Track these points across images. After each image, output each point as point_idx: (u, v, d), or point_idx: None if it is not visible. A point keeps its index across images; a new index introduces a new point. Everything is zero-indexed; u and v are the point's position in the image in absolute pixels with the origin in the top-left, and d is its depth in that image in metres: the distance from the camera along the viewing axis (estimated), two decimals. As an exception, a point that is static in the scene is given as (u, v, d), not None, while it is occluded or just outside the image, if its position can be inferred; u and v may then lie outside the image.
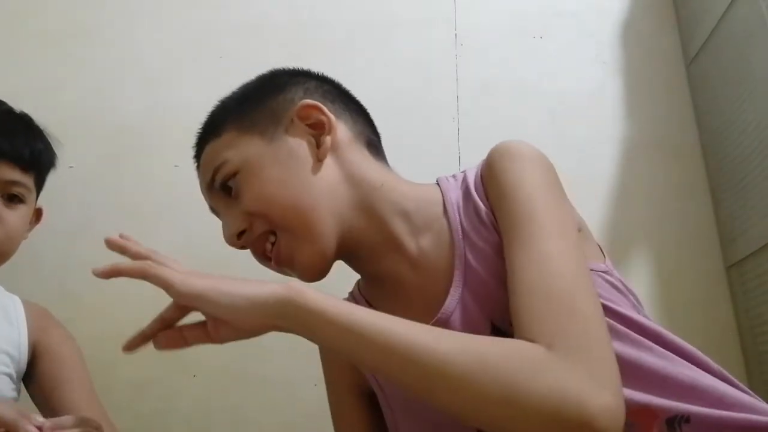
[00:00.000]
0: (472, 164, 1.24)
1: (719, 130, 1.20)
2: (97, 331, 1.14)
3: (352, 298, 0.76)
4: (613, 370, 0.49)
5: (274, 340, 1.15)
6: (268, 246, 0.69)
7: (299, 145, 0.67)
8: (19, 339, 0.90)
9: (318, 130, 0.68)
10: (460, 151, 1.26)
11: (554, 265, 0.55)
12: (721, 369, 0.60)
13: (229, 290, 0.55)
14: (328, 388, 0.77)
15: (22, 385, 0.92)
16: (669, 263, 1.17)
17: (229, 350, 1.15)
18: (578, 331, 0.50)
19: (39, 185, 0.96)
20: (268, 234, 0.68)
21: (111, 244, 0.62)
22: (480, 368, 0.48)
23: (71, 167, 1.21)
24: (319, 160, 0.67)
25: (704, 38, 1.25)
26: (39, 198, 0.98)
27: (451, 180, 0.71)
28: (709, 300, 1.15)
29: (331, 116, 0.68)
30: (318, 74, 0.75)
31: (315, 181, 0.66)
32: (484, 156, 0.70)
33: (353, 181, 0.67)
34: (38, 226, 1.01)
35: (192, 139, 1.29)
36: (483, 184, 0.66)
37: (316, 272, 0.68)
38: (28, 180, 0.90)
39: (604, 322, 0.53)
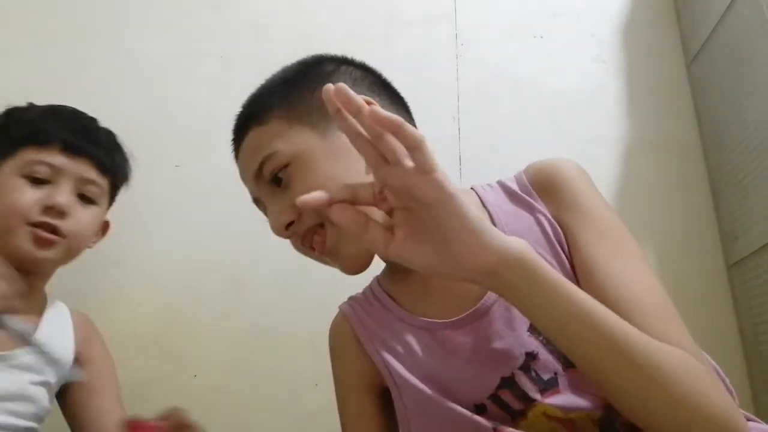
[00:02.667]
0: (472, 164, 1.26)
1: (720, 130, 1.20)
2: (97, 331, 1.14)
3: (371, 291, 0.75)
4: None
5: (274, 340, 1.15)
6: (317, 238, 0.67)
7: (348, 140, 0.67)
8: (67, 347, 0.92)
9: None
10: (461, 151, 1.26)
11: (652, 278, 0.61)
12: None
13: (475, 213, 0.49)
14: (337, 385, 0.76)
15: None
16: (670, 262, 1.17)
17: (229, 351, 1.15)
18: (696, 346, 0.56)
19: (112, 194, 0.99)
20: (317, 226, 0.67)
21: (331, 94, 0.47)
22: (683, 372, 0.51)
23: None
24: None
25: (704, 38, 1.25)
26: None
27: (487, 188, 0.72)
28: (711, 299, 1.15)
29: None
30: (363, 64, 0.75)
31: (367, 177, 0.64)
32: (484, 155, 0.70)
33: None
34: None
35: (192, 139, 1.30)
36: (540, 196, 0.68)
37: (361, 266, 0.68)
38: (103, 183, 0.94)
39: (688, 337, 0.58)
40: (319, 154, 0.65)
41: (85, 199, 0.91)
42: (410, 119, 0.76)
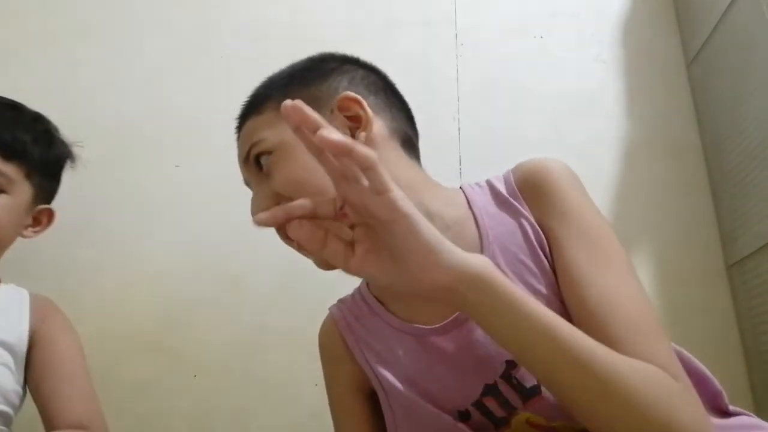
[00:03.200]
0: (472, 164, 1.26)
1: (720, 130, 1.20)
2: (97, 331, 1.14)
3: (359, 293, 0.75)
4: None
5: (274, 340, 1.15)
6: None
7: None
8: (20, 327, 0.88)
9: (355, 123, 0.68)
10: (461, 151, 1.26)
11: (644, 297, 0.59)
12: (722, 391, 0.61)
13: (432, 231, 0.49)
14: (328, 387, 0.76)
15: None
16: (670, 263, 1.17)
17: (229, 350, 1.15)
18: (675, 360, 0.54)
19: (33, 179, 0.91)
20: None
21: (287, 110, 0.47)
22: (651, 390, 0.49)
23: (71, 167, 1.20)
24: None
25: (704, 38, 1.25)
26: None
27: (476, 187, 0.72)
28: (710, 299, 1.15)
29: (369, 112, 0.68)
30: (366, 64, 0.76)
31: None
32: (484, 155, 0.70)
33: None
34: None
35: (192, 139, 1.30)
36: (525, 200, 0.67)
37: (332, 266, 0.67)
38: (9, 169, 0.87)
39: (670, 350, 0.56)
40: (299, 147, 0.66)
41: None
42: (407, 122, 0.75)
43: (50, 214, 0.96)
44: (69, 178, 1.06)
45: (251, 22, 1.39)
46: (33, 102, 1.00)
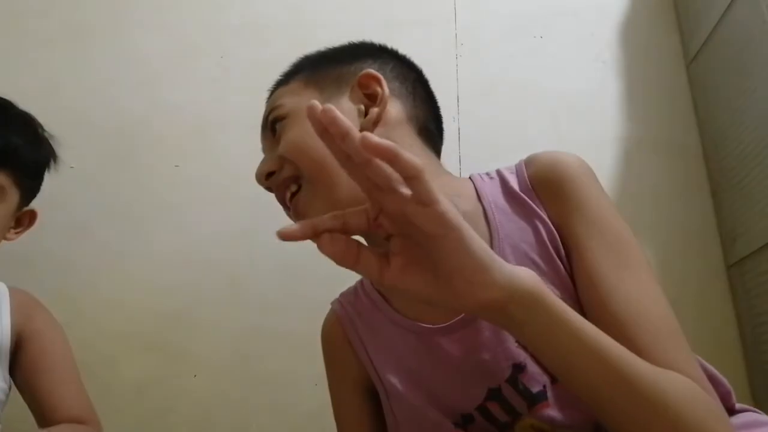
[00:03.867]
0: (472, 164, 1.26)
1: (720, 130, 1.20)
2: (97, 331, 1.15)
3: (362, 287, 0.74)
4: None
5: (273, 340, 1.15)
6: (288, 194, 0.69)
7: (349, 110, 0.68)
8: (1, 325, 0.87)
9: (371, 102, 0.69)
10: (461, 151, 1.26)
11: (663, 299, 0.58)
12: (730, 390, 0.60)
13: (482, 246, 0.45)
14: (330, 386, 0.76)
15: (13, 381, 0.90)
16: (670, 263, 1.17)
17: (229, 351, 1.15)
18: (698, 366, 0.54)
19: (21, 183, 0.89)
20: (291, 181, 0.69)
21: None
22: (689, 403, 0.49)
23: (71, 167, 1.21)
24: (361, 129, 0.65)
25: (704, 38, 1.25)
26: (39, 199, 0.94)
27: (486, 179, 0.70)
28: (710, 299, 1.15)
29: (386, 91, 0.68)
30: (401, 56, 0.77)
31: None
32: (484, 155, 0.70)
33: None
34: (37, 227, 0.99)
35: (192, 139, 1.30)
36: (539, 197, 0.64)
37: None
38: (2, 178, 0.84)
39: (687, 347, 0.56)
40: None
41: None
42: (429, 116, 0.75)
43: (32, 215, 0.94)
44: (69, 178, 1.07)
45: (251, 22, 1.39)
46: (33, 102, 1.00)
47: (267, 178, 0.70)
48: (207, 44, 1.37)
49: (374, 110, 0.67)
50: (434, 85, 1.33)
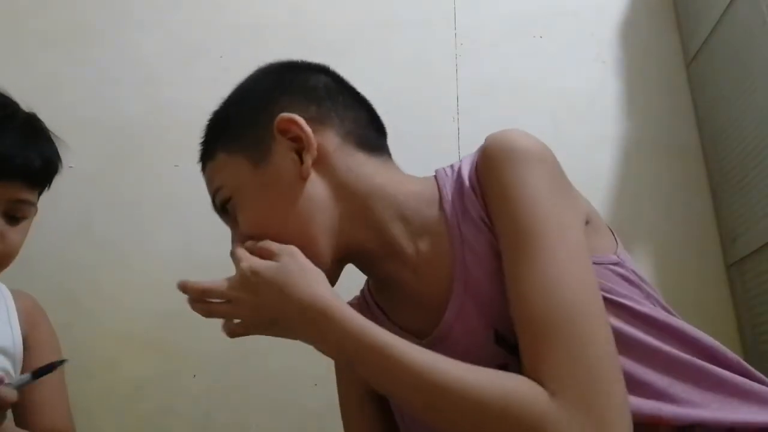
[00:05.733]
0: (472, 164, 1.26)
1: (719, 130, 1.20)
2: (97, 331, 1.15)
3: (363, 297, 0.75)
4: (623, 416, 0.48)
5: (273, 340, 1.15)
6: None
7: (284, 168, 0.65)
8: (12, 333, 0.88)
9: (300, 144, 0.65)
10: (460, 151, 1.26)
11: (559, 292, 0.52)
12: (739, 360, 0.58)
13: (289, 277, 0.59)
14: (340, 391, 0.76)
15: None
16: (670, 262, 1.17)
17: (229, 350, 1.15)
18: (584, 375, 0.49)
19: (42, 192, 0.91)
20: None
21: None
22: (482, 414, 0.49)
23: (71, 167, 1.20)
24: (303, 179, 0.64)
25: (704, 38, 1.25)
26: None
27: (449, 171, 0.68)
28: (710, 299, 1.15)
29: (308, 132, 0.64)
30: (304, 66, 0.73)
31: (301, 202, 0.64)
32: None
33: (345, 192, 0.65)
34: (38, 227, 0.98)
35: (192, 139, 1.30)
36: (478, 180, 0.63)
37: None
38: (34, 197, 0.85)
39: (613, 356, 0.51)
40: (252, 188, 0.66)
41: (15, 219, 0.82)
42: (360, 119, 0.70)
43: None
44: (69, 178, 1.06)
45: (251, 22, 1.39)
46: (33, 102, 0.99)
47: None
48: (207, 44, 1.37)
49: (307, 156, 0.64)
50: (434, 85, 1.34)
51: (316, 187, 0.65)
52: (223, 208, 0.69)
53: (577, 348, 0.50)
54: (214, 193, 0.70)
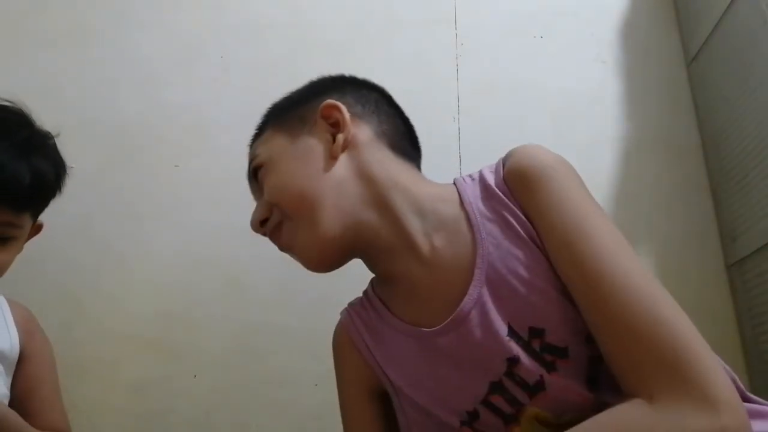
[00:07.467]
0: (472, 164, 1.25)
1: (720, 130, 1.20)
2: (97, 332, 1.15)
3: (366, 297, 0.77)
4: (724, 385, 0.51)
5: (274, 340, 1.15)
6: (277, 234, 0.74)
7: (317, 143, 0.72)
8: (10, 338, 0.89)
9: (338, 128, 0.72)
10: (461, 151, 1.26)
11: (633, 292, 0.56)
12: (743, 389, 0.60)
13: None
14: (339, 388, 0.77)
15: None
16: (670, 262, 1.17)
17: (229, 351, 1.15)
18: (674, 362, 0.52)
19: (37, 214, 0.89)
20: (282, 224, 0.73)
21: None
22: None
23: (71, 167, 1.20)
24: (332, 158, 0.70)
25: (704, 38, 1.25)
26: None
27: (468, 180, 0.72)
28: (710, 299, 1.15)
29: (347, 116, 0.71)
30: (359, 80, 0.80)
31: (324, 175, 0.70)
32: (484, 155, 0.70)
33: (367, 178, 0.70)
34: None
35: (192, 139, 1.30)
36: (511, 193, 0.66)
37: (314, 261, 0.72)
38: (21, 219, 0.83)
39: (692, 329, 0.56)
40: (284, 157, 0.72)
41: (2, 240, 0.81)
42: (398, 130, 0.77)
43: (37, 228, 0.93)
44: (69, 178, 1.06)
45: (251, 22, 1.39)
46: (32, 102, 0.99)
47: (262, 225, 0.74)
48: (207, 44, 1.37)
49: (340, 136, 0.71)
50: (434, 85, 1.34)
51: (342, 168, 0.70)
52: (255, 174, 0.74)
53: (662, 340, 0.54)
54: (250, 161, 0.76)
